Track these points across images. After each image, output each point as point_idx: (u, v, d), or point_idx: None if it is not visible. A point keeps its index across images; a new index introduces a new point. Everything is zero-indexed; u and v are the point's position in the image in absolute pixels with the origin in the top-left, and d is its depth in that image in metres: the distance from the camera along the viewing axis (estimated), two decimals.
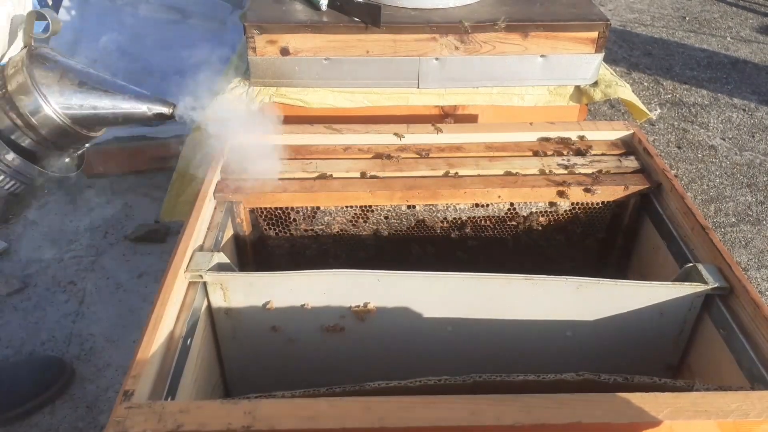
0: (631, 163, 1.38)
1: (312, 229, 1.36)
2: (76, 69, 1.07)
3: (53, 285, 1.99)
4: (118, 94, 1.08)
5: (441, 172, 1.34)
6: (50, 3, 2.28)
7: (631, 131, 1.45)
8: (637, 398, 0.82)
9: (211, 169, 1.29)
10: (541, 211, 1.36)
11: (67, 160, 1.14)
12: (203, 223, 1.19)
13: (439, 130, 1.39)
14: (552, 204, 1.34)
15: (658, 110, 3.07)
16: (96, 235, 2.19)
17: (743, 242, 2.28)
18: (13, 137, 1.02)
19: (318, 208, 1.32)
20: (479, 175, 1.34)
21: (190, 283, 1.08)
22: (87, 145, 1.12)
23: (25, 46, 1.05)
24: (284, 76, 1.63)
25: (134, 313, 1.88)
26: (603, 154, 1.40)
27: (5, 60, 1.08)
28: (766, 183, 2.59)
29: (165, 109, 1.12)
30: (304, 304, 1.12)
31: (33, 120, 1.01)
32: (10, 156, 1.00)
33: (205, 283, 1.09)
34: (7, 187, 1.03)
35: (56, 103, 1.02)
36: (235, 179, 1.29)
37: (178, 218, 1.84)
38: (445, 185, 1.31)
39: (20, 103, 1.00)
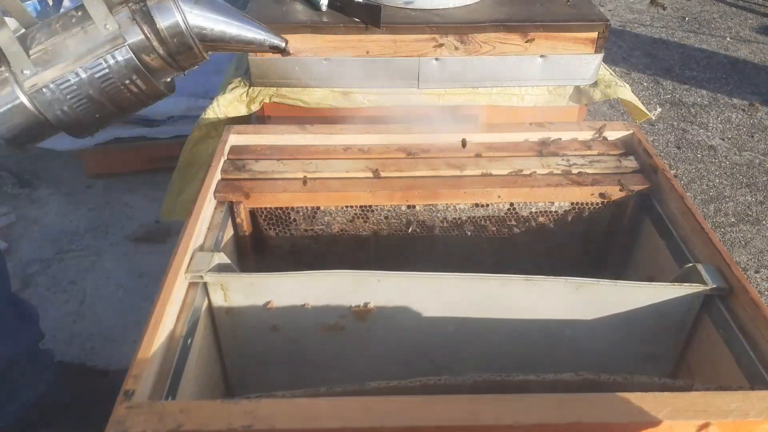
0: (630, 163, 1.38)
1: (312, 229, 1.36)
2: None
3: (54, 285, 1.99)
4: (243, 21, 1.12)
5: (441, 173, 1.34)
6: (51, 3, 2.28)
7: (631, 131, 1.45)
8: (636, 398, 0.83)
9: (211, 168, 1.29)
10: (540, 211, 1.36)
11: (168, 80, 1.15)
12: (203, 223, 1.19)
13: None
14: (552, 204, 1.35)
15: (658, 110, 3.07)
16: (96, 235, 2.20)
17: (743, 242, 2.28)
18: (141, 50, 1.01)
19: (318, 208, 1.32)
20: (479, 175, 1.34)
21: (191, 284, 1.08)
22: (195, 67, 1.14)
23: None
24: (284, 77, 1.63)
25: (135, 313, 1.88)
26: (602, 154, 1.41)
27: None
28: (765, 183, 2.59)
29: (280, 42, 1.16)
30: (304, 304, 1.13)
31: (167, 36, 1.02)
32: (138, 70, 1.00)
33: (205, 284, 1.10)
34: (122, 101, 1.04)
35: (192, 22, 1.03)
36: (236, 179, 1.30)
37: (178, 217, 1.84)
38: (445, 185, 1.31)
39: (158, 17, 1.00)
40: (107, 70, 0.99)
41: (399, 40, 1.61)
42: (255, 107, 1.66)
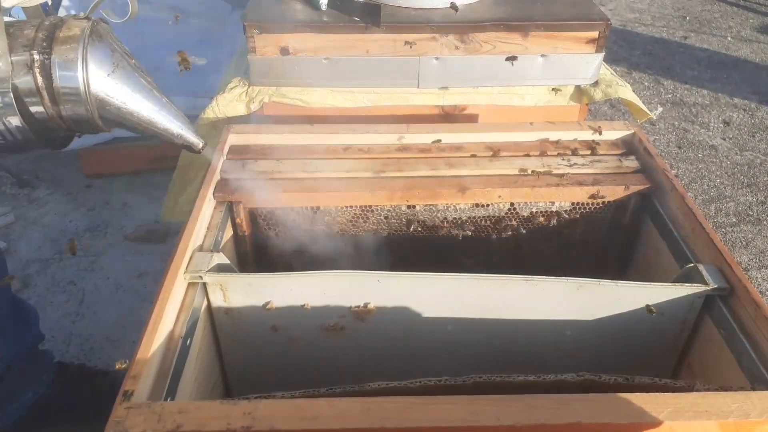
0: (631, 163, 1.38)
1: (312, 229, 1.36)
2: (128, 65, 0.98)
3: (53, 285, 1.99)
4: (158, 109, 1.01)
5: (441, 173, 1.34)
6: (50, 3, 2.28)
7: (632, 131, 1.45)
8: (637, 398, 0.82)
9: (211, 168, 1.29)
10: (541, 211, 1.35)
11: (62, 135, 1.05)
12: (203, 223, 1.19)
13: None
14: (552, 204, 1.34)
15: (659, 110, 3.07)
16: (96, 235, 2.19)
17: (744, 242, 2.27)
18: (27, 100, 0.92)
19: (318, 208, 1.32)
20: (479, 175, 1.34)
21: (190, 284, 1.07)
22: (96, 133, 1.04)
23: (87, 18, 0.96)
24: (284, 76, 1.63)
25: (134, 313, 1.88)
26: (603, 154, 1.40)
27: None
28: (766, 183, 2.59)
29: (196, 142, 1.06)
30: (304, 305, 1.12)
31: (61, 98, 0.93)
32: (15, 120, 0.91)
33: (204, 284, 1.09)
34: None
35: (95, 94, 0.94)
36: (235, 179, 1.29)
37: (178, 218, 1.84)
38: (445, 185, 1.31)
39: (58, 74, 0.91)
40: None
41: (399, 39, 1.61)
42: (255, 107, 1.66)
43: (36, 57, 0.91)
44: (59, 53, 0.91)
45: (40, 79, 0.91)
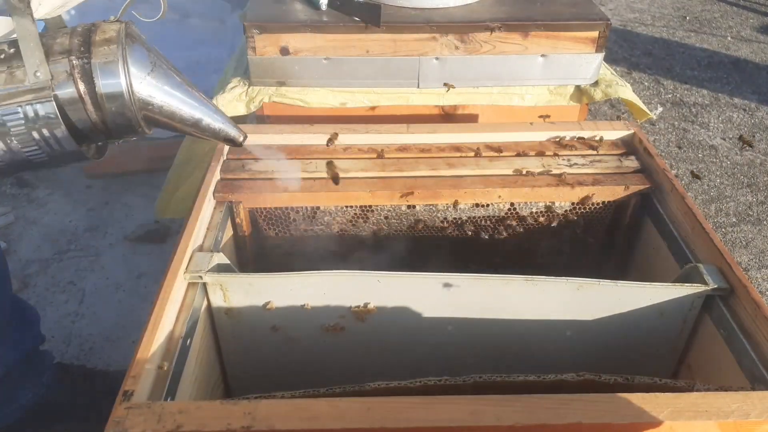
0: (631, 163, 1.38)
1: (312, 229, 1.36)
2: (165, 64, 0.97)
3: (53, 285, 1.99)
4: (199, 104, 0.99)
5: (441, 173, 1.34)
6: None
7: (632, 131, 1.45)
8: (637, 398, 0.82)
9: (211, 168, 1.29)
10: (541, 211, 1.35)
11: (99, 144, 1.02)
12: (203, 223, 1.19)
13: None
14: (552, 204, 1.34)
15: (659, 110, 3.07)
16: (95, 236, 2.19)
17: (744, 242, 2.27)
18: (69, 108, 0.89)
19: (318, 208, 1.32)
20: (479, 175, 1.34)
21: (190, 284, 1.07)
22: (134, 138, 1.01)
23: (118, 21, 0.94)
24: (284, 76, 1.63)
25: (134, 313, 1.87)
26: (603, 154, 1.40)
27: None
28: (766, 183, 2.59)
29: (237, 135, 1.04)
30: (304, 305, 1.12)
31: (105, 102, 0.90)
32: (59, 131, 0.88)
33: (204, 284, 1.09)
34: (34, 157, 0.90)
35: (138, 95, 0.92)
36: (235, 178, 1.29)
37: (172, 216, 1.84)
38: (445, 185, 1.31)
39: (100, 80, 0.89)
40: (22, 122, 0.86)
41: (399, 39, 1.60)
42: (254, 107, 1.66)
43: (75, 62, 0.89)
44: (99, 56, 0.89)
45: (81, 85, 0.89)
